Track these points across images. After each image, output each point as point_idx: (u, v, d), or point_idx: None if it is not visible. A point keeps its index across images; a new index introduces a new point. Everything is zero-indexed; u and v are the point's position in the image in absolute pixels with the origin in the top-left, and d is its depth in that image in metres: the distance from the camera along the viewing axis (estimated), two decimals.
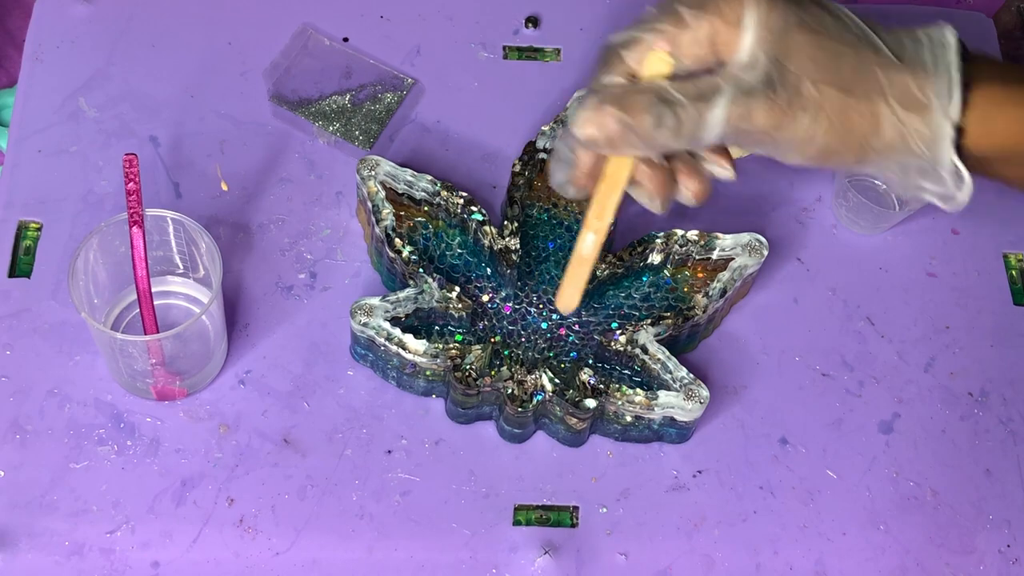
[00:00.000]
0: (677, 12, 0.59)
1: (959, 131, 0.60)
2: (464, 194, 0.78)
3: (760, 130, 0.59)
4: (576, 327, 0.77)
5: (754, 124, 0.59)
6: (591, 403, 0.72)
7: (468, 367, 0.74)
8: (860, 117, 0.60)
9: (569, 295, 0.66)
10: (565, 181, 0.63)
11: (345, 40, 0.90)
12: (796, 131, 0.59)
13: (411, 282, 0.76)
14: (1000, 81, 0.61)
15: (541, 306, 0.78)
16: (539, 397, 0.73)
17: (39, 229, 0.81)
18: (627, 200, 0.63)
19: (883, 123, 0.60)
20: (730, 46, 0.59)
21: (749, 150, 0.62)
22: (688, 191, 0.63)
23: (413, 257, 0.76)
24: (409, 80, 0.88)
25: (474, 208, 0.78)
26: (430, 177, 0.79)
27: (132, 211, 0.70)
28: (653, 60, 0.59)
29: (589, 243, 0.64)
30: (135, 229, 0.70)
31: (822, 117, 0.59)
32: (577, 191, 0.63)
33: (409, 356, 0.74)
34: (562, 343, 0.77)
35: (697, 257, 0.79)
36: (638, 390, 0.73)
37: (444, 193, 0.79)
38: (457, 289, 0.75)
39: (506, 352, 0.76)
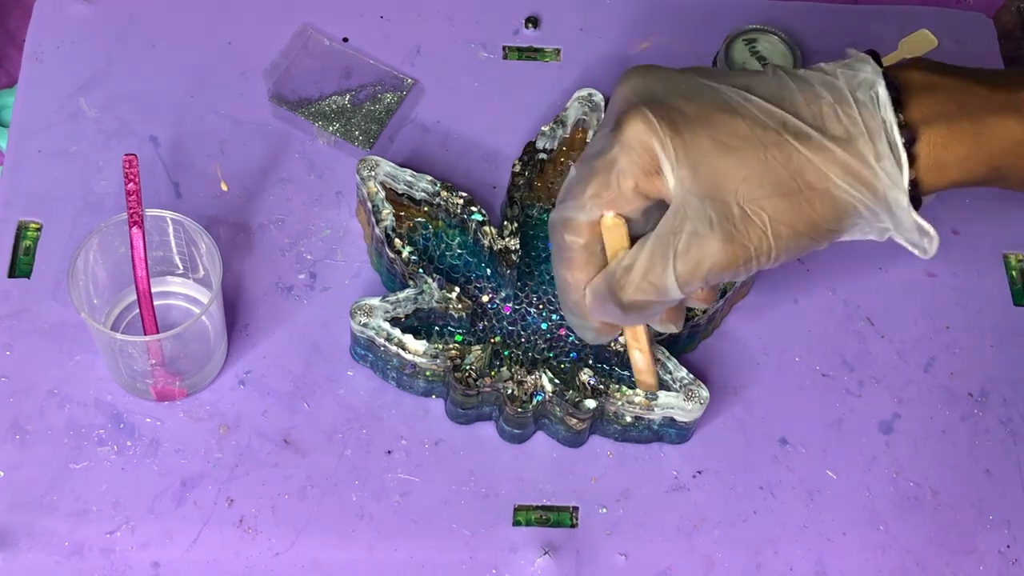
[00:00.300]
0: (594, 178, 0.59)
1: (913, 183, 0.58)
2: (464, 194, 0.78)
3: (727, 271, 0.58)
4: None
5: (718, 270, 0.58)
6: (591, 403, 0.72)
7: (468, 367, 0.74)
8: (815, 209, 0.57)
9: (649, 379, 0.72)
10: (592, 337, 0.67)
11: (345, 40, 0.90)
12: (762, 256, 0.57)
13: (411, 282, 0.76)
14: (941, 118, 0.58)
15: (541, 306, 0.78)
16: (539, 397, 0.73)
17: (39, 229, 0.81)
18: None
19: (839, 205, 0.57)
20: (658, 191, 0.58)
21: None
22: (698, 302, 0.66)
23: (413, 257, 0.76)
24: (409, 80, 0.88)
25: (474, 208, 0.78)
26: (430, 177, 0.79)
27: (132, 211, 0.70)
28: (609, 228, 0.61)
29: (638, 359, 0.71)
30: (135, 229, 0.70)
31: (780, 229, 0.57)
32: (606, 337, 0.67)
33: (409, 356, 0.74)
34: (562, 343, 0.77)
35: None
36: (638, 390, 0.73)
37: (444, 193, 0.79)
38: (457, 289, 0.75)
39: (506, 352, 0.76)
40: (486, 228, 0.78)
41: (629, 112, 0.57)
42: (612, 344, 0.75)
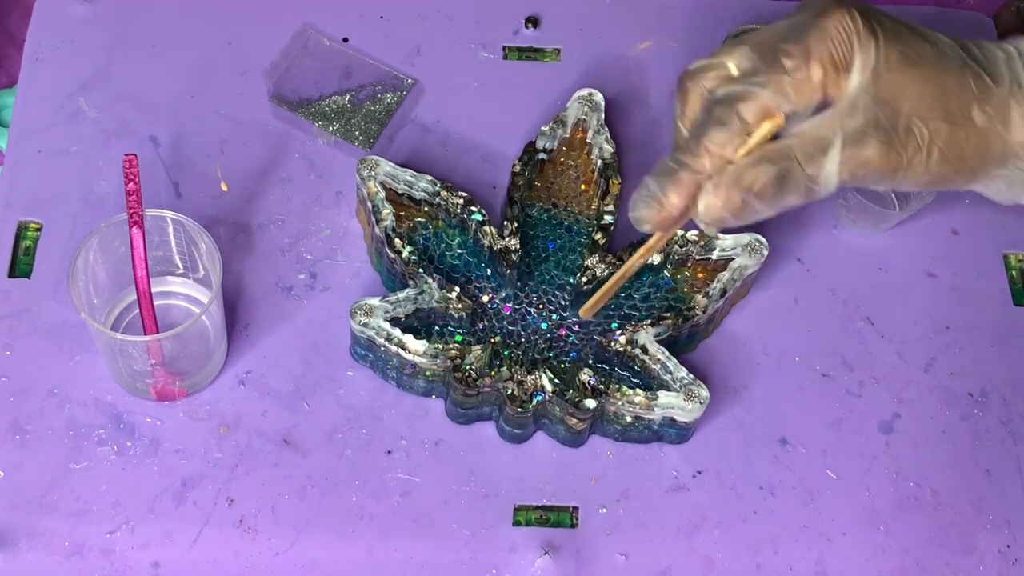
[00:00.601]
0: (780, 61, 0.59)
1: None
2: (464, 194, 0.78)
3: (876, 173, 0.59)
4: (576, 327, 0.77)
5: (869, 169, 0.59)
6: (591, 403, 0.72)
7: (468, 367, 0.74)
8: (969, 144, 0.60)
9: (595, 308, 0.68)
10: (647, 220, 0.61)
11: (345, 40, 0.90)
12: (910, 169, 0.59)
13: (411, 282, 0.76)
14: None
15: (541, 306, 0.78)
16: (539, 397, 0.73)
17: (39, 229, 0.81)
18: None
19: (991, 146, 0.60)
20: (835, 88, 0.59)
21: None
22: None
23: (413, 257, 0.76)
24: (409, 80, 0.88)
25: (474, 208, 0.78)
26: (430, 177, 0.79)
27: (132, 211, 0.70)
28: (773, 120, 0.59)
29: (635, 267, 0.66)
30: (135, 229, 0.70)
31: (934, 151, 0.59)
32: (655, 230, 0.62)
33: (409, 356, 0.74)
34: (562, 343, 0.77)
35: (697, 257, 0.79)
36: (638, 390, 0.73)
37: (444, 193, 0.79)
38: (457, 289, 0.75)
39: (506, 352, 0.76)
40: (486, 228, 0.78)
41: (836, 6, 0.59)
42: (612, 344, 0.75)
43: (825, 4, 0.59)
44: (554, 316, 0.77)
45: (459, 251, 0.79)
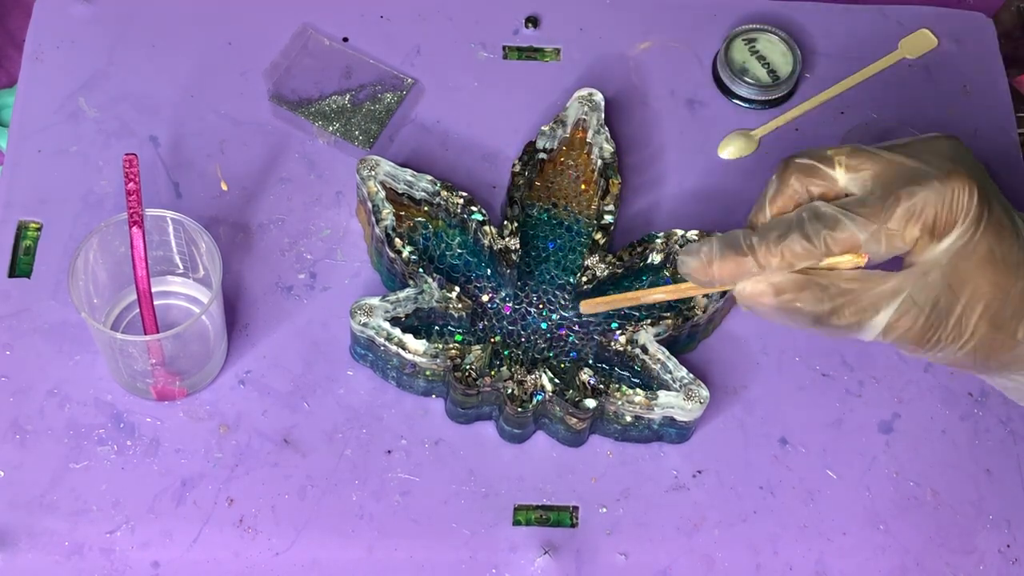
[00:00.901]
0: (890, 211, 0.57)
1: None
2: (464, 194, 0.78)
3: (908, 344, 0.59)
4: (576, 327, 0.77)
5: (901, 337, 0.59)
6: (591, 403, 0.72)
7: (468, 367, 0.74)
8: (1000, 351, 0.60)
9: (597, 307, 0.66)
10: (692, 273, 0.61)
11: (345, 40, 0.90)
12: (935, 349, 0.59)
13: (411, 282, 0.76)
14: None
15: (541, 306, 0.78)
16: (539, 397, 0.73)
17: (39, 229, 0.81)
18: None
19: (1019, 358, 0.60)
20: (918, 252, 0.58)
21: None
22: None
23: (413, 257, 0.76)
24: (409, 80, 0.88)
25: (474, 208, 0.78)
26: (430, 177, 0.79)
27: (132, 211, 0.70)
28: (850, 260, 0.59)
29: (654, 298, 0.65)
30: (135, 229, 0.70)
31: (967, 346, 0.59)
32: (693, 283, 0.62)
33: (409, 356, 0.74)
34: (562, 343, 0.77)
35: None
36: (638, 390, 0.73)
37: (444, 193, 0.79)
38: (457, 289, 0.75)
39: (506, 352, 0.76)
40: (486, 228, 0.78)
41: (962, 176, 0.57)
42: (612, 344, 0.75)
43: (952, 168, 0.57)
44: (554, 316, 0.77)
45: (459, 251, 0.79)
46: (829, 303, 0.58)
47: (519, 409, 0.73)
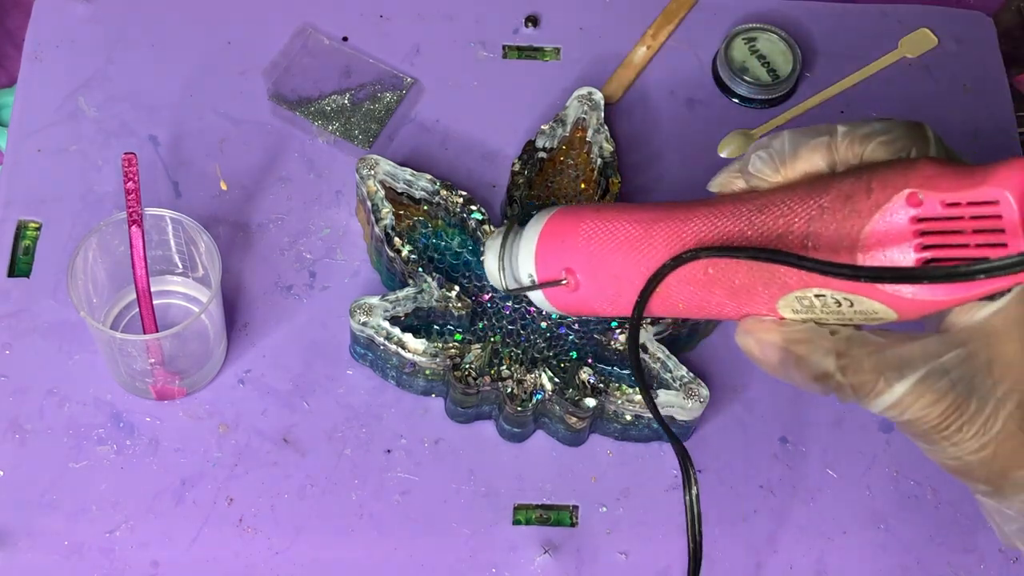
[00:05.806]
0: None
1: None
2: (463, 193, 0.78)
3: (921, 425, 0.51)
4: (576, 326, 0.77)
5: (921, 419, 0.50)
6: (591, 402, 0.72)
7: (467, 366, 0.73)
8: (1018, 457, 0.51)
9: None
10: (763, 173, 0.54)
11: (344, 40, 0.90)
12: (951, 449, 0.51)
13: (410, 281, 0.76)
14: None
15: None
16: (539, 396, 0.73)
17: (39, 229, 0.81)
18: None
19: None
20: (963, 311, 0.50)
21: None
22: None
23: (412, 256, 0.76)
24: (409, 79, 0.88)
25: (473, 207, 0.78)
26: (429, 176, 0.79)
27: (131, 210, 0.70)
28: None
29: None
30: (134, 228, 0.70)
31: (988, 450, 0.50)
32: (759, 185, 0.56)
33: (408, 355, 0.74)
34: (562, 342, 0.77)
35: None
36: (638, 389, 0.73)
37: (443, 192, 0.79)
38: (456, 288, 0.75)
39: (505, 351, 0.76)
40: (486, 227, 0.78)
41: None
42: (612, 343, 0.75)
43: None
44: (553, 315, 0.77)
45: (459, 250, 0.79)
46: (843, 359, 0.51)
47: (519, 408, 0.73)
